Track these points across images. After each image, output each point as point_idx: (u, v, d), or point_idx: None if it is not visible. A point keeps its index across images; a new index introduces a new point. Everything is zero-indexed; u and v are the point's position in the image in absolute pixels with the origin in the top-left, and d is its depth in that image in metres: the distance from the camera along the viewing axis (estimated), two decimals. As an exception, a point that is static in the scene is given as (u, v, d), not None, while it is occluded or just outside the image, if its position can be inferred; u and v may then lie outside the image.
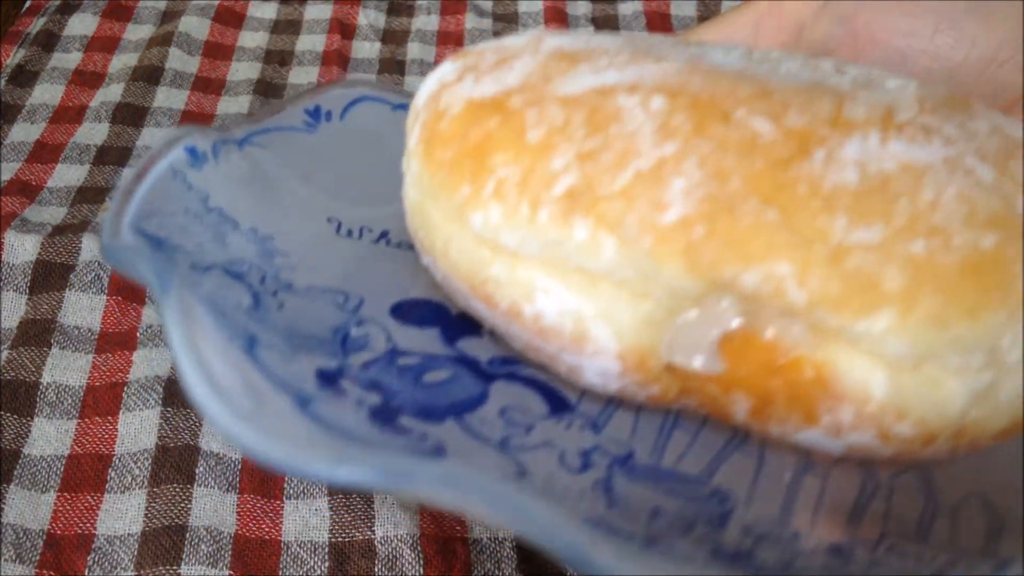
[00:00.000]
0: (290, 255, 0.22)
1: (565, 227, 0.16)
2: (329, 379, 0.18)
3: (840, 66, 0.19)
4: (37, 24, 0.54)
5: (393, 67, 0.53)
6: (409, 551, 0.30)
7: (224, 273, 0.20)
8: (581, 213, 0.16)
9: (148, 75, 0.50)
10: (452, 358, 0.21)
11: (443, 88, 0.19)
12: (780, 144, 0.16)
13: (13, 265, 0.39)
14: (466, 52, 0.20)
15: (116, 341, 0.36)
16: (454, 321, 0.22)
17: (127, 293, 0.38)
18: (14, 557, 0.30)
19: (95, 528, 0.31)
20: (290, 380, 0.17)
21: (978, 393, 0.16)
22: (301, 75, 0.52)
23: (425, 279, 0.22)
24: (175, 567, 0.29)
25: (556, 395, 0.20)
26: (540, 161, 0.16)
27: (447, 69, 0.20)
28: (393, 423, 0.18)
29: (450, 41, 0.55)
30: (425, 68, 0.53)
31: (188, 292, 0.17)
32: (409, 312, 0.22)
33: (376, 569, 0.30)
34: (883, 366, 0.15)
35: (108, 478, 0.32)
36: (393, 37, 0.55)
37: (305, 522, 0.31)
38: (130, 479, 0.32)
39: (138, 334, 0.36)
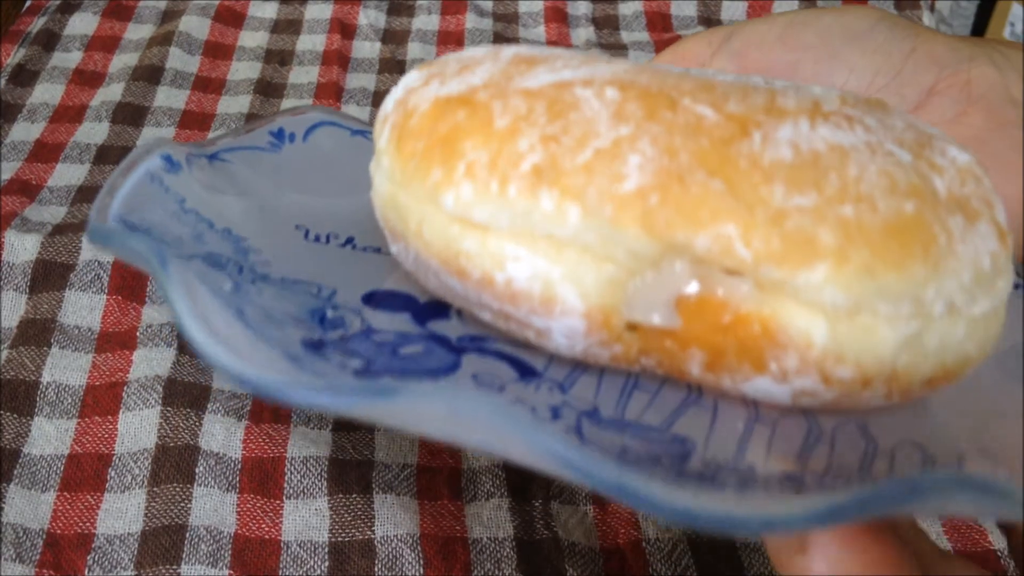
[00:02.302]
0: (263, 252, 0.23)
1: (533, 199, 0.18)
2: (313, 347, 0.20)
3: (769, 81, 0.22)
4: (37, 24, 0.54)
5: (393, 67, 0.53)
6: (409, 551, 0.30)
7: (204, 263, 0.21)
8: (547, 186, 0.18)
9: (148, 75, 0.50)
10: (424, 336, 0.22)
11: (410, 92, 0.21)
12: (722, 126, 0.18)
13: (13, 265, 0.39)
14: (430, 63, 0.22)
15: (116, 341, 0.36)
16: (423, 307, 0.23)
17: (127, 293, 0.38)
18: (14, 557, 0.30)
19: (95, 528, 0.31)
20: (279, 341, 0.19)
21: (907, 339, 0.18)
22: (301, 75, 0.52)
23: (392, 276, 0.24)
24: (175, 567, 0.29)
25: (524, 364, 0.22)
26: (507, 144, 0.18)
27: (413, 77, 0.22)
28: (377, 382, 0.19)
29: (450, 41, 0.55)
30: (425, 68, 0.53)
31: (179, 263, 0.18)
32: (380, 300, 0.24)
33: (376, 569, 0.30)
34: (822, 316, 0.17)
35: (108, 478, 0.32)
36: (393, 37, 0.55)
37: (305, 522, 0.31)
38: (130, 479, 0.32)
39: (138, 334, 0.36)
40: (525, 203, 0.18)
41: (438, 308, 0.23)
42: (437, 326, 0.23)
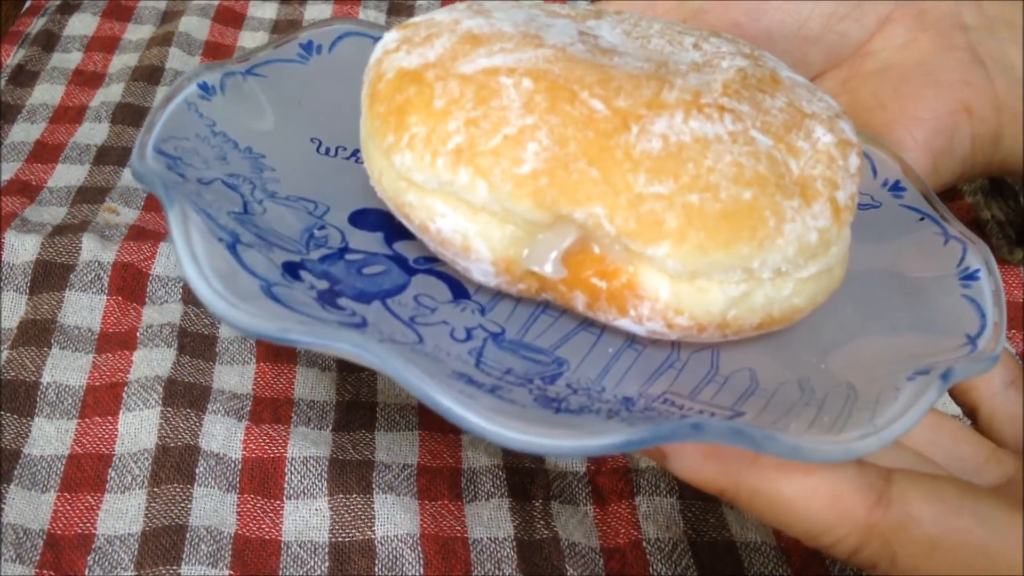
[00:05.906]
0: (276, 170, 0.28)
1: (454, 172, 0.22)
2: (291, 270, 0.24)
3: (700, 41, 0.26)
4: (37, 24, 0.54)
5: (393, 67, 0.53)
6: (409, 551, 0.30)
7: (223, 184, 0.25)
8: (464, 163, 0.22)
9: (148, 75, 0.50)
10: (388, 256, 0.27)
11: (385, 55, 0.25)
12: (609, 119, 0.22)
13: (13, 265, 0.39)
14: (406, 24, 0.27)
15: (116, 341, 0.36)
16: (395, 227, 0.27)
17: (127, 293, 0.38)
18: (14, 557, 0.30)
19: (95, 528, 0.31)
20: (259, 271, 0.23)
21: (735, 298, 0.23)
22: (301, 75, 0.52)
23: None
24: (175, 567, 0.29)
25: (459, 286, 0.26)
26: (440, 123, 0.23)
27: (391, 38, 0.26)
28: (334, 303, 0.24)
29: (450, 41, 0.55)
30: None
31: (189, 203, 0.22)
32: (363, 219, 0.28)
33: (376, 569, 0.30)
34: (667, 278, 0.22)
35: (108, 478, 0.32)
36: (393, 37, 0.55)
37: (305, 522, 0.31)
38: (130, 479, 0.32)
39: (138, 334, 0.37)
40: (449, 175, 0.23)
41: (405, 228, 0.26)
42: (400, 246, 0.27)
